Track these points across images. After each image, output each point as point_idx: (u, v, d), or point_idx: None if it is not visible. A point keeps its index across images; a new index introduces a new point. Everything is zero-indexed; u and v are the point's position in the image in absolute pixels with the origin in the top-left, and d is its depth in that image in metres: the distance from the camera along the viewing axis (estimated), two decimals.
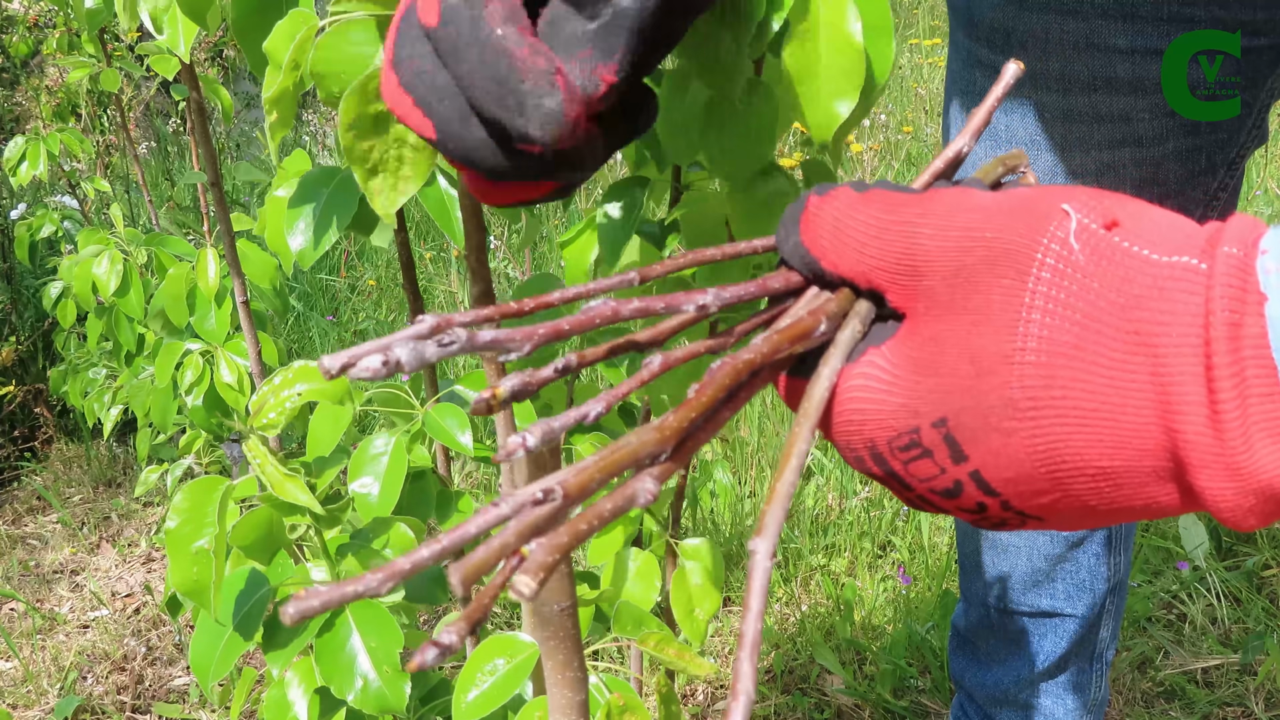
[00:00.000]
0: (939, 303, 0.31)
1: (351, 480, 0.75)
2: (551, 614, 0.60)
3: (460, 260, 2.98)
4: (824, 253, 0.35)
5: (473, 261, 0.60)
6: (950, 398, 0.31)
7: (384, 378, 0.26)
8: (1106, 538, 1.06)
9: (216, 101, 1.48)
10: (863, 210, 0.34)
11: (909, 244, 0.32)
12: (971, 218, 0.31)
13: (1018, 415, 0.29)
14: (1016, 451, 0.30)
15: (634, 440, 0.27)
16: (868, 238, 0.33)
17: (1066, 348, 0.28)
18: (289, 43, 0.51)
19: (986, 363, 0.30)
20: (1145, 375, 0.27)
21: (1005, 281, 0.29)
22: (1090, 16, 0.76)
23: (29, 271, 2.60)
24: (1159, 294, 0.27)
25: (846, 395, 0.34)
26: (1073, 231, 0.29)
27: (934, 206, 0.32)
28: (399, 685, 0.68)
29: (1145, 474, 0.28)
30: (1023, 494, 0.31)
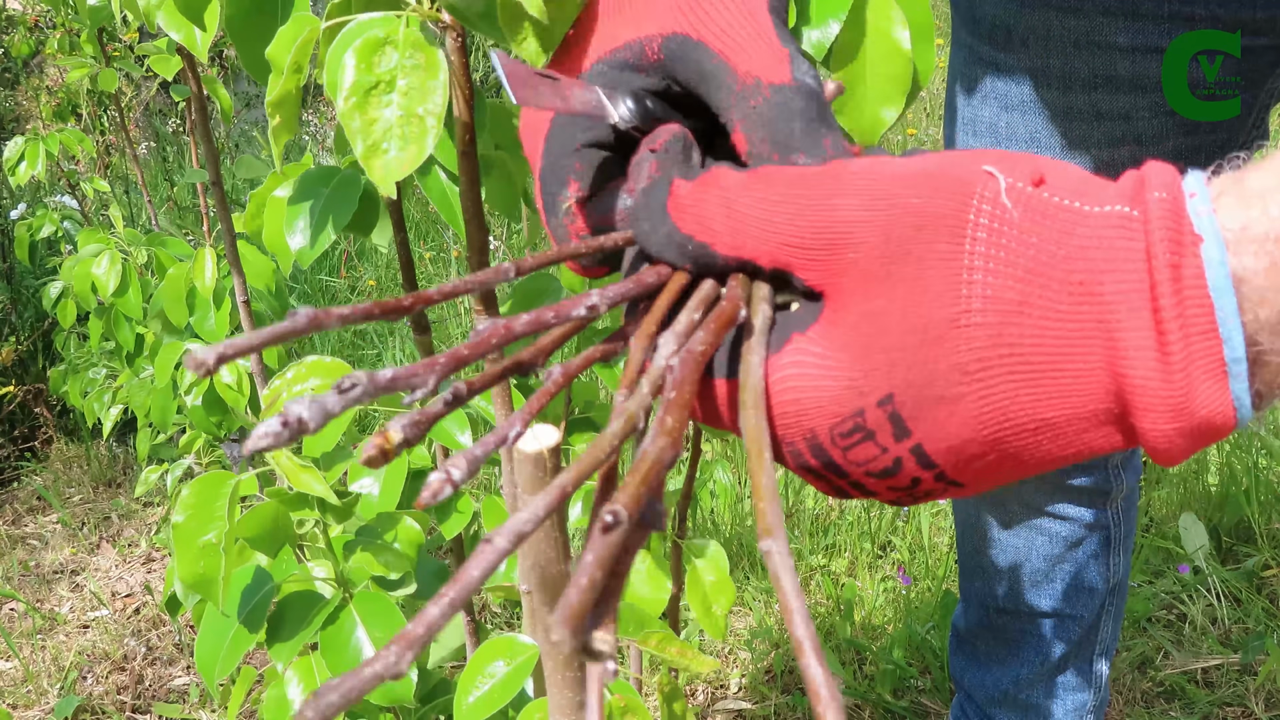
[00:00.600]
0: (869, 275, 0.30)
1: (352, 481, 0.75)
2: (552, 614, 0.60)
3: (460, 260, 2.98)
4: (718, 236, 0.33)
5: (475, 263, 0.60)
6: (896, 372, 0.30)
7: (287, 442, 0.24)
8: (1106, 539, 1.06)
9: (216, 101, 1.48)
10: (763, 188, 0.33)
11: (827, 218, 0.31)
12: (892, 186, 0.30)
13: (965, 379, 0.29)
14: (963, 418, 0.30)
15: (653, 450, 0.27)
16: (776, 215, 0.32)
17: (1012, 304, 0.28)
18: (291, 46, 0.51)
19: (934, 331, 0.29)
20: (1092, 322, 0.27)
21: (940, 246, 0.29)
22: (1091, 14, 0.76)
23: (29, 271, 2.60)
24: (1098, 243, 0.27)
25: (779, 387, 0.32)
26: (1003, 190, 0.29)
27: (848, 178, 0.31)
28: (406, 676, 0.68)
29: (1086, 420, 0.29)
30: (959, 461, 0.31)
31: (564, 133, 0.39)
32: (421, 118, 0.48)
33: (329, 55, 0.50)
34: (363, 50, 0.47)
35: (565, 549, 0.59)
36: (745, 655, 1.63)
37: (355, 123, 0.48)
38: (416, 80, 0.48)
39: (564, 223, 0.39)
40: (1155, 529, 1.82)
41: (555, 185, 0.39)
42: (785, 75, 0.36)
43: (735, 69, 0.36)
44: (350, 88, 0.47)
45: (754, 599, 1.74)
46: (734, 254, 0.33)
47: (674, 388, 0.29)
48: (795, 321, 0.33)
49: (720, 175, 0.34)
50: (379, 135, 0.48)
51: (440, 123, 0.48)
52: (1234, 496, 1.80)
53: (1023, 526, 1.06)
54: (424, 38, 0.48)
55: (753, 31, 0.37)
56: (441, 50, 0.49)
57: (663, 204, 0.35)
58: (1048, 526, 1.05)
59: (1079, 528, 1.05)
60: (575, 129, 0.39)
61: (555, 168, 0.39)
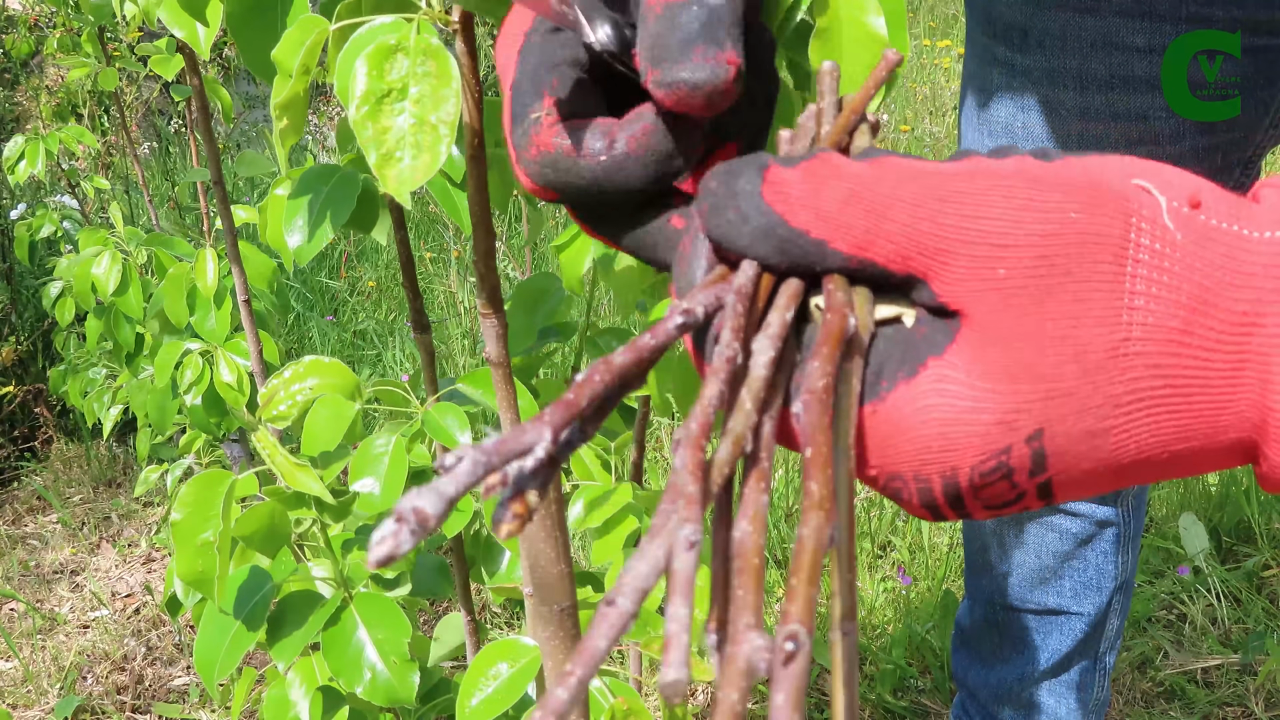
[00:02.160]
0: (1018, 294, 0.28)
1: (353, 480, 0.75)
2: (552, 614, 0.60)
3: (460, 260, 2.98)
4: (840, 232, 0.29)
5: (481, 267, 0.60)
6: (1052, 405, 0.27)
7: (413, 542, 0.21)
8: (1116, 536, 1.06)
9: (216, 101, 1.48)
10: (895, 182, 0.29)
11: (976, 225, 0.28)
12: (1050, 195, 0.28)
13: (1116, 413, 0.27)
14: (1100, 453, 0.28)
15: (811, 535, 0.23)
16: (916, 216, 0.29)
17: (1174, 333, 0.27)
18: (298, 49, 0.51)
19: (1093, 359, 0.27)
20: (1253, 353, 0.26)
21: (1102, 266, 0.27)
22: (1108, 14, 0.76)
23: (29, 271, 2.60)
24: (1265, 271, 0.26)
25: (922, 419, 0.28)
26: (1164, 210, 0.27)
27: (999, 182, 0.28)
28: (407, 676, 0.68)
29: (1215, 452, 0.28)
30: (1076, 491, 0.29)
31: (543, 48, 0.37)
32: (434, 126, 0.48)
33: (339, 61, 0.49)
34: (374, 57, 0.47)
35: (565, 549, 0.59)
36: None
37: (368, 131, 0.48)
38: (429, 88, 0.48)
39: (529, 132, 0.36)
40: (1155, 529, 1.82)
41: (529, 97, 0.36)
42: None
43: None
44: (362, 96, 0.47)
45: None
46: (858, 253, 0.29)
47: (808, 443, 0.25)
48: (924, 344, 0.29)
49: (837, 162, 0.30)
50: (392, 144, 0.48)
51: (454, 131, 0.48)
52: (1234, 496, 1.80)
53: (1034, 523, 1.06)
54: (435, 44, 0.48)
55: None
56: (452, 54, 0.49)
57: (756, 191, 0.30)
58: (1059, 523, 1.05)
59: (1090, 524, 1.04)
60: (554, 45, 0.37)
61: (532, 79, 0.37)
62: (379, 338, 2.73)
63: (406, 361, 2.59)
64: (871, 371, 0.30)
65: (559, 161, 0.35)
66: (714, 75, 0.33)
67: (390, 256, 3.08)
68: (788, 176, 0.30)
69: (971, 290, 0.28)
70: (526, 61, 0.37)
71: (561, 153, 0.35)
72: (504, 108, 0.38)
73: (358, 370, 2.59)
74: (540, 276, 0.84)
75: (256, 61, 0.55)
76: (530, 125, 0.36)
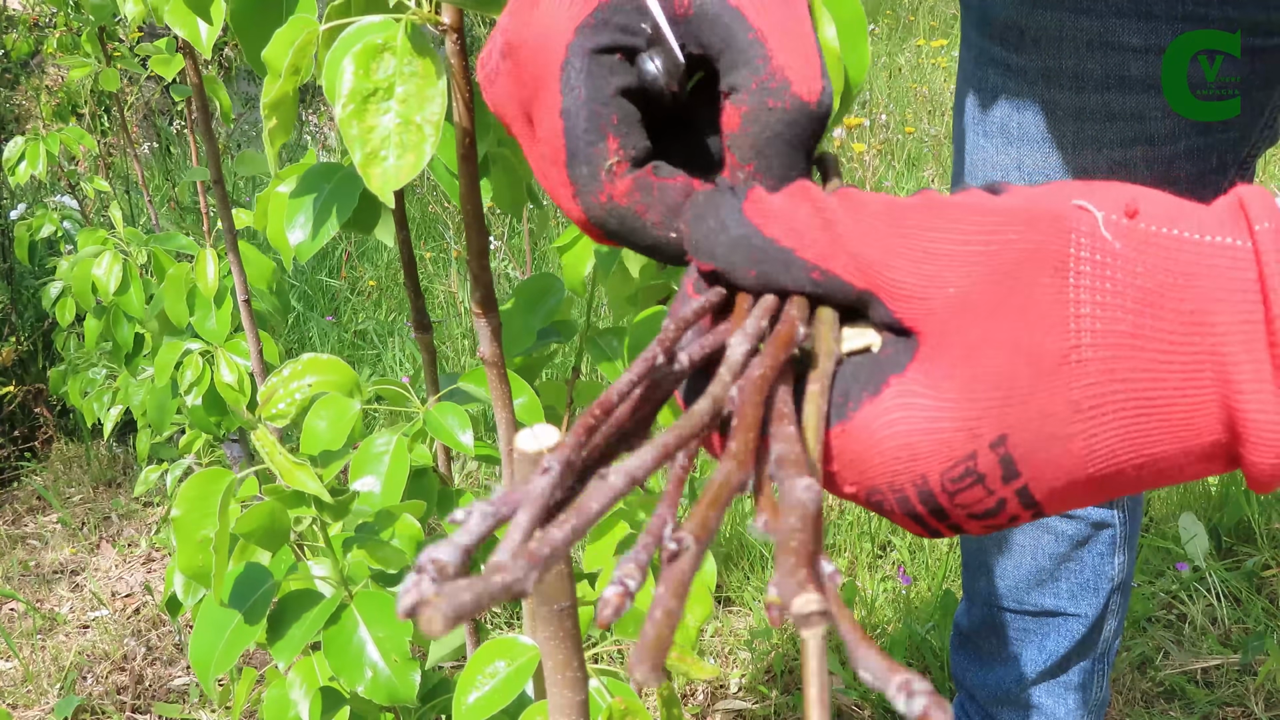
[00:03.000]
0: (968, 310, 0.30)
1: (354, 480, 0.75)
2: (551, 613, 0.60)
3: (460, 261, 2.98)
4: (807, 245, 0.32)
5: (474, 267, 0.60)
6: (1010, 411, 0.29)
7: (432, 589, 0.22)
8: (1112, 537, 1.06)
9: (216, 102, 1.48)
10: (858, 210, 0.32)
11: (926, 249, 0.30)
12: (991, 220, 0.30)
13: (1078, 416, 0.28)
14: (1072, 458, 0.29)
15: (720, 476, 0.26)
16: (873, 238, 0.31)
17: (1124, 337, 0.28)
18: (288, 48, 0.51)
19: (1046, 364, 0.28)
20: (1205, 354, 0.27)
21: (1045, 279, 0.28)
22: (1104, 14, 0.76)
23: (29, 272, 2.60)
24: (1209, 271, 0.27)
25: (887, 432, 0.30)
26: (1100, 223, 0.28)
27: (946, 211, 0.31)
28: (408, 675, 0.68)
29: (1193, 455, 0.28)
30: (1060, 498, 0.30)
31: (591, 73, 0.35)
32: (420, 125, 0.48)
33: (328, 60, 0.49)
34: (361, 56, 0.47)
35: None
36: (745, 655, 1.63)
37: (354, 130, 0.48)
38: (414, 87, 0.48)
39: (599, 177, 0.35)
40: (1155, 529, 1.82)
41: (591, 135, 0.35)
42: (815, 92, 0.34)
43: (771, 56, 0.34)
44: (348, 94, 0.47)
45: (754, 599, 1.74)
46: (820, 263, 0.32)
47: (737, 414, 0.29)
48: (887, 364, 0.31)
49: (814, 192, 0.33)
50: (377, 143, 0.48)
51: (438, 131, 0.48)
52: (1234, 496, 1.80)
53: (1030, 525, 1.06)
54: (422, 44, 0.48)
55: (793, 22, 0.35)
56: (441, 53, 0.49)
57: (738, 206, 0.33)
58: (1055, 525, 1.05)
59: (1086, 526, 1.04)
60: (603, 70, 0.35)
61: (589, 112, 0.35)
62: (379, 338, 2.73)
63: (407, 361, 2.59)
64: (839, 394, 0.31)
65: (627, 218, 0.36)
66: None
67: (391, 256, 3.08)
68: (768, 197, 0.33)
69: (924, 307, 0.30)
70: (574, 88, 0.35)
71: (634, 211, 0.36)
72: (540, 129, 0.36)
73: (358, 370, 2.59)
74: (540, 276, 0.84)
75: (260, 60, 0.55)
76: (600, 168, 0.35)
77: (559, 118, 0.36)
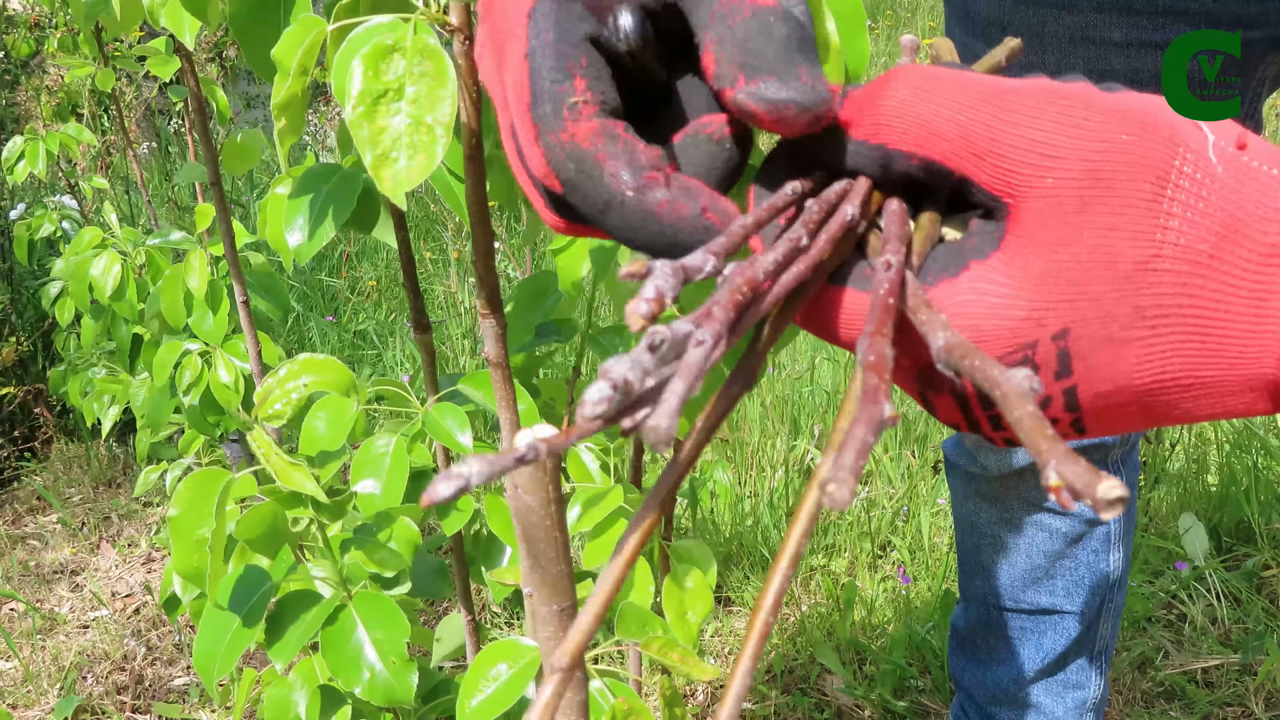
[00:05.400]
0: (1063, 203, 0.30)
1: (354, 481, 0.75)
2: (551, 614, 0.60)
3: (460, 260, 2.98)
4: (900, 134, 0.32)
5: (480, 267, 0.60)
6: (1079, 306, 0.29)
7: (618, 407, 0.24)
8: (1106, 534, 1.06)
9: (213, 102, 1.48)
10: (958, 85, 0.31)
11: (1033, 135, 0.30)
12: (1106, 117, 0.30)
13: (1140, 324, 0.29)
14: (1125, 364, 0.30)
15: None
16: (974, 120, 0.31)
17: (1203, 255, 0.28)
18: (297, 49, 0.51)
19: (1123, 267, 0.29)
20: (1277, 285, 0.28)
21: (1144, 186, 0.29)
22: (1086, 10, 0.76)
23: (29, 272, 2.60)
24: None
25: (957, 312, 0.31)
26: (1210, 145, 0.29)
27: (1058, 98, 0.30)
28: (406, 676, 0.68)
29: (1239, 383, 0.29)
30: (1102, 408, 0.31)
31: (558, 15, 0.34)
32: (430, 126, 0.48)
33: (336, 61, 0.49)
34: (370, 57, 0.47)
35: (565, 549, 0.59)
36: None
37: (364, 131, 0.48)
38: (425, 88, 0.47)
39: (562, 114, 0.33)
40: (1155, 529, 1.82)
41: (556, 73, 0.34)
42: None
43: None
44: (358, 95, 0.47)
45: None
46: (920, 152, 0.32)
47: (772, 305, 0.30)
48: (969, 250, 0.32)
49: (906, 68, 0.32)
50: (388, 144, 0.48)
51: (449, 132, 0.47)
52: (1234, 496, 1.80)
53: (1023, 523, 1.06)
54: (432, 45, 0.47)
55: None
56: (449, 53, 0.49)
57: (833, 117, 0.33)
58: (1048, 523, 1.05)
59: (1079, 524, 1.05)
60: (570, 15, 0.34)
61: (555, 52, 0.34)
62: (379, 338, 2.73)
63: (406, 362, 2.59)
64: (918, 274, 0.32)
65: (586, 163, 0.33)
66: (823, 100, 0.33)
67: (390, 256, 3.08)
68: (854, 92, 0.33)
69: (1021, 194, 0.30)
70: (541, 30, 0.34)
71: (594, 158, 0.33)
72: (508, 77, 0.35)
73: (357, 370, 2.59)
74: (539, 275, 0.84)
75: (259, 60, 0.55)
76: (566, 106, 0.33)
77: (524, 60, 0.34)
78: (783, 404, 2.17)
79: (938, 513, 1.87)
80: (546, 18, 0.34)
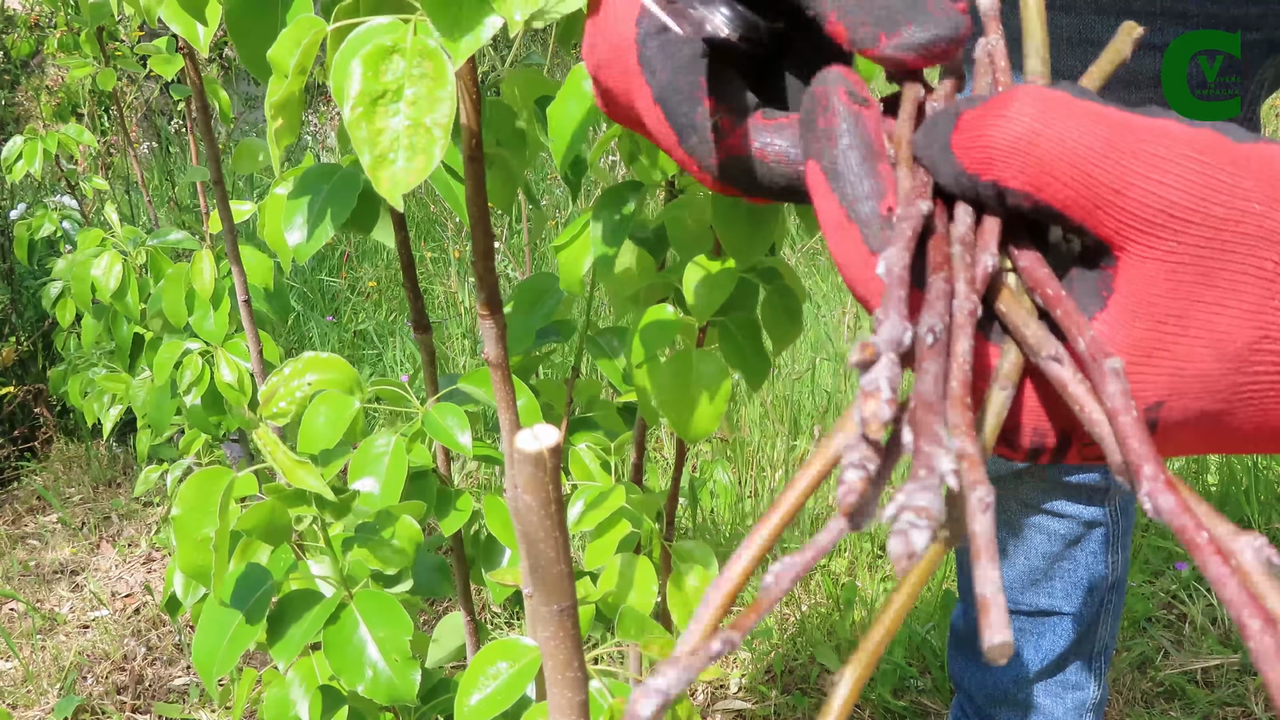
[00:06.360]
0: (1182, 273, 0.28)
1: (353, 480, 0.75)
2: (551, 614, 0.60)
3: (460, 261, 2.98)
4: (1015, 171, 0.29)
5: (480, 268, 0.60)
6: (1179, 383, 0.28)
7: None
8: (1105, 536, 1.06)
9: (215, 102, 1.48)
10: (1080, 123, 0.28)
11: (1162, 192, 0.27)
12: (1240, 181, 0.27)
13: (1236, 398, 0.28)
14: (1207, 431, 0.29)
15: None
16: (1100, 166, 0.28)
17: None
18: (294, 49, 0.51)
19: (1232, 348, 0.28)
20: None
21: (1267, 263, 0.27)
22: (1084, 11, 0.76)
23: (29, 272, 2.60)
24: None
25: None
26: None
27: (1191, 149, 0.28)
28: (408, 674, 0.68)
29: None
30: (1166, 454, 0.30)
31: (664, 51, 0.36)
32: (429, 128, 0.48)
33: (335, 61, 0.49)
34: (370, 58, 0.47)
35: (565, 549, 0.59)
36: (745, 655, 1.63)
37: (362, 132, 0.48)
38: (424, 89, 0.47)
39: (708, 140, 0.36)
40: (1155, 529, 1.82)
41: (685, 105, 0.36)
42: None
43: None
44: (357, 96, 0.47)
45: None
46: (1030, 190, 0.29)
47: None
48: (1082, 300, 0.30)
49: (1025, 91, 0.30)
50: (386, 145, 0.48)
51: (448, 134, 0.47)
52: (1234, 496, 1.80)
53: (1022, 525, 1.06)
54: (431, 46, 0.47)
55: None
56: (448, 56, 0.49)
57: (947, 140, 0.31)
58: (1047, 524, 1.05)
59: (1078, 525, 1.04)
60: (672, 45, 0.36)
61: (675, 85, 0.36)
62: (379, 338, 2.73)
63: (406, 362, 2.59)
64: None
65: (754, 166, 0.36)
66: (962, 22, 0.34)
67: (390, 256, 3.08)
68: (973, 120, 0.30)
69: (1139, 249, 0.28)
70: (655, 71, 0.36)
71: (756, 156, 0.36)
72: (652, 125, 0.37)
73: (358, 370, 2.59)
74: (539, 277, 0.84)
75: (255, 61, 0.55)
76: (707, 132, 0.36)
77: (655, 106, 0.37)
78: (783, 404, 2.17)
79: None
80: (653, 59, 0.36)
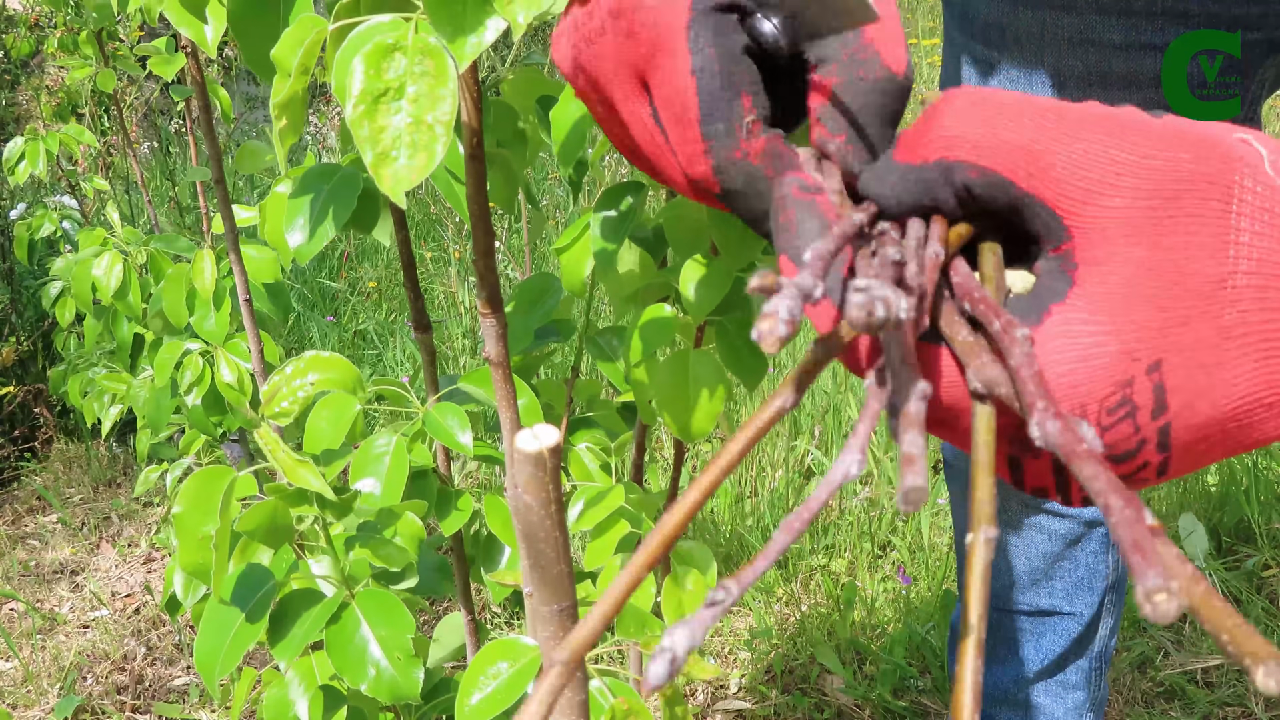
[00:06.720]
0: (1133, 226, 0.29)
1: (354, 480, 0.75)
2: (551, 613, 0.60)
3: (460, 260, 2.98)
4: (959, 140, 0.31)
5: (480, 267, 0.60)
6: (1167, 334, 0.29)
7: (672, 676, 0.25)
8: (1105, 535, 1.06)
9: (216, 101, 1.48)
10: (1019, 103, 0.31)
11: (1100, 154, 0.30)
12: (1163, 139, 0.30)
13: (1227, 344, 0.29)
14: (1215, 391, 0.29)
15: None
16: (1038, 131, 0.30)
17: (1278, 267, 0.28)
18: (297, 48, 0.51)
19: (1202, 288, 0.29)
20: None
21: (1212, 203, 0.29)
22: (1085, 12, 0.76)
23: (29, 272, 2.60)
24: None
25: (1052, 359, 0.30)
26: (1266, 161, 0.29)
27: (1120, 123, 0.30)
28: (411, 673, 0.68)
29: None
30: (1191, 445, 0.30)
31: (717, 31, 0.36)
32: (431, 125, 0.48)
33: (337, 60, 0.49)
34: (371, 56, 0.47)
35: (565, 549, 0.59)
36: (745, 655, 1.63)
37: (364, 130, 0.48)
38: (426, 87, 0.47)
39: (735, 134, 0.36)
40: None
41: (725, 92, 0.35)
42: (902, 63, 0.35)
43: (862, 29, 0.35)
44: (359, 94, 0.47)
45: (753, 598, 1.74)
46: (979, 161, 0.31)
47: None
48: (1046, 294, 0.31)
49: (960, 89, 0.33)
50: (388, 143, 0.48)
51: (449, 131, 0.48)
52: (1234, 496, 1.80)
53: (1023, 525, 1.06)
54: (432, 44, 0.48)
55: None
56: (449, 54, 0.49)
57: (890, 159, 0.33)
58: (1047, 524, 1.05)
59: (1078, 525, 1.05)
60: (727, 28, 0.36)
61: (721, 72, 0.35)
62: (379, 338, 2.73)
63: (407, 362, 2.59)
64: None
65: (756, 179, 0.36)
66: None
67: (391, 256, 3.08)
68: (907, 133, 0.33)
69: (1088, 215, 0.30)
70: (703, 46, 0.36)
71: (763, 173, 0.36)
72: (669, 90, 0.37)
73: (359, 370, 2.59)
74: (539, 277, 0.84)
75: (257, 60, 0.55)
76: (738, 125, 0.36)
77: (689, 76, 0.36)
78: None
79: (938, 513, 1.87)
80: (708, 31, 0.36)
